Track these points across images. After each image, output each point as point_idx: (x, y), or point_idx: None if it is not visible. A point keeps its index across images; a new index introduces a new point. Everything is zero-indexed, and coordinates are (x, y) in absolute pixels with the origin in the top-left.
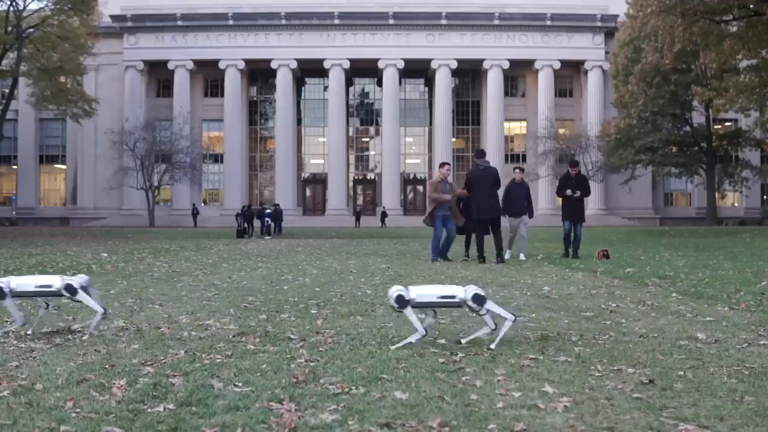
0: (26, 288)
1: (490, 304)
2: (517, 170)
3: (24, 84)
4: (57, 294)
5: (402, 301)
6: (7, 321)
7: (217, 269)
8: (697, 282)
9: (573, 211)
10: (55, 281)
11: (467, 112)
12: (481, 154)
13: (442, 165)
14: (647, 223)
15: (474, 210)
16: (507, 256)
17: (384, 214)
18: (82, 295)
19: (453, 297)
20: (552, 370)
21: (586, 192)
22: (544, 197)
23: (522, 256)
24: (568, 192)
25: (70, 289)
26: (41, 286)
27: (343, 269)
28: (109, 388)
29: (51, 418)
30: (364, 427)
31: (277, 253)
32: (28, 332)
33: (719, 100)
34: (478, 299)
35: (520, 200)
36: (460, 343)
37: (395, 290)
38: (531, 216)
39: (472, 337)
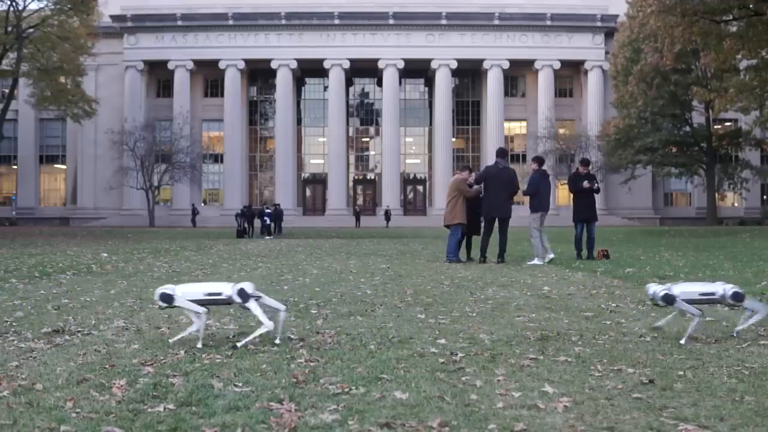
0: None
1: None
2: (534, 164)
3: (24, 84)
4: (227, 302)
5: None
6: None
7: (217, 269)
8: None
9: (587, 210)
10: (225, 288)
11: (467, 112)
12: (501, 153)
13: (469, 169)
14: (647, 223)
15: (484, 208)
16: (549, 258)
17: (387, 214)
18: (252, 304)
19: None
20: (552, 370)
21: (598, 187)
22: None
23: (538, 260)
24: (586, 184)
25: (243, 295)
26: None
27: (343, 269)
28: (109, 388)
29: (51, 418)
30: (364, 427)
31: (277, 253)
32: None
33: (719, 100)
34: None
35: (546, 195)
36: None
37: None
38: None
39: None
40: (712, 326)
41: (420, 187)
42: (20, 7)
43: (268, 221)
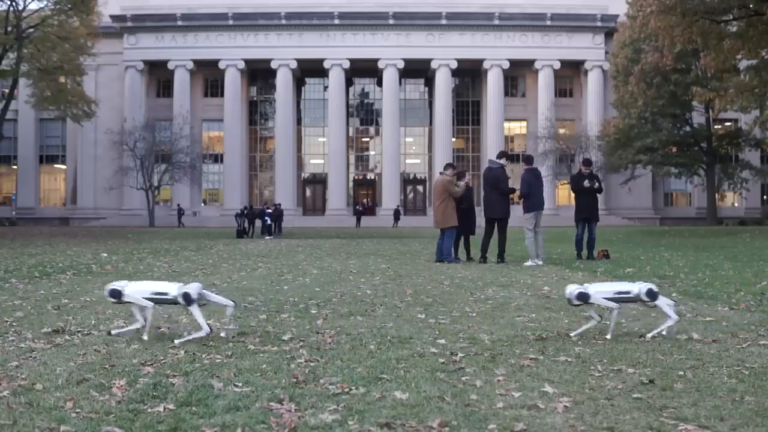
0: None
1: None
2: (523, 164)
3: (24, 84)
4: (173, 302)
5: None
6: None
7: (217, 269)
8: (697, 282)
9: (588, 210)
10: (172, 289)
11: (467, 112)
12: (499, 154)
13: (452, 167)
14: (647, 223)
15: (483, 209)
16: (540, 262)
17: (397, 213)
18: (194, 308)
19: None
20: (552, 370)
21: (601, 187)
22: (545, 196)
23: (531, 261)
24: (586, 183)
25: (187, 299)
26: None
27: (343, 269)
28: (109, 388)
29: (51, 418)
30: (364, 427)
31: (277, 253)
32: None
33: (719, 100)
34: None
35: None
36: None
37: None
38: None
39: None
40: (711, 326)
41: (420, 187)
42: (20, 7)
43: (268, 221)
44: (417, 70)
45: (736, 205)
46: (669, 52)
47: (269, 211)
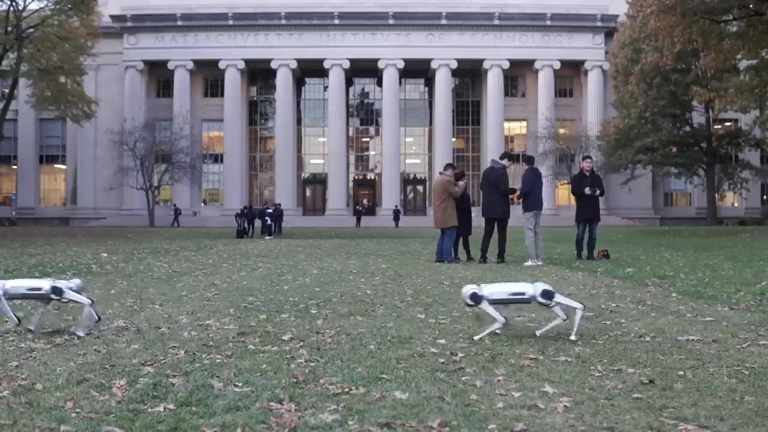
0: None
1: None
2: (524, 164)
3: (24, 84)
4: (46, 297)
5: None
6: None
7: (217, 269)
8: (697, 282)
9: (590, 210)
10: (44, 284)
11: (467, 112)
12: (502, 155)
13: (452, 167)
14: (647, 223)
15: (482, 209)
16: (540, 262)
17: (397, 213)
18: (69, 294)
19: None
20: (552, 370)
21: (602, 191)
22: (545, 197)
23: (532, 261)
24: (587, 191)
25: (57, 291)
26: (32, 289)
27: (343, 269)
28: (109, 388)
29: (51, 418)
30: (364, 427)
31: (277, 253)
32: (31, 328)
33: (719, 100)
34: None
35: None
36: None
37: None
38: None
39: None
40: (711, 326)
41: (420, 187)
42: (20, 7)
43: (269, 221)
44: (417, 70)
45: (736, 205)
46: (669, 52)
47: (269, 211)
